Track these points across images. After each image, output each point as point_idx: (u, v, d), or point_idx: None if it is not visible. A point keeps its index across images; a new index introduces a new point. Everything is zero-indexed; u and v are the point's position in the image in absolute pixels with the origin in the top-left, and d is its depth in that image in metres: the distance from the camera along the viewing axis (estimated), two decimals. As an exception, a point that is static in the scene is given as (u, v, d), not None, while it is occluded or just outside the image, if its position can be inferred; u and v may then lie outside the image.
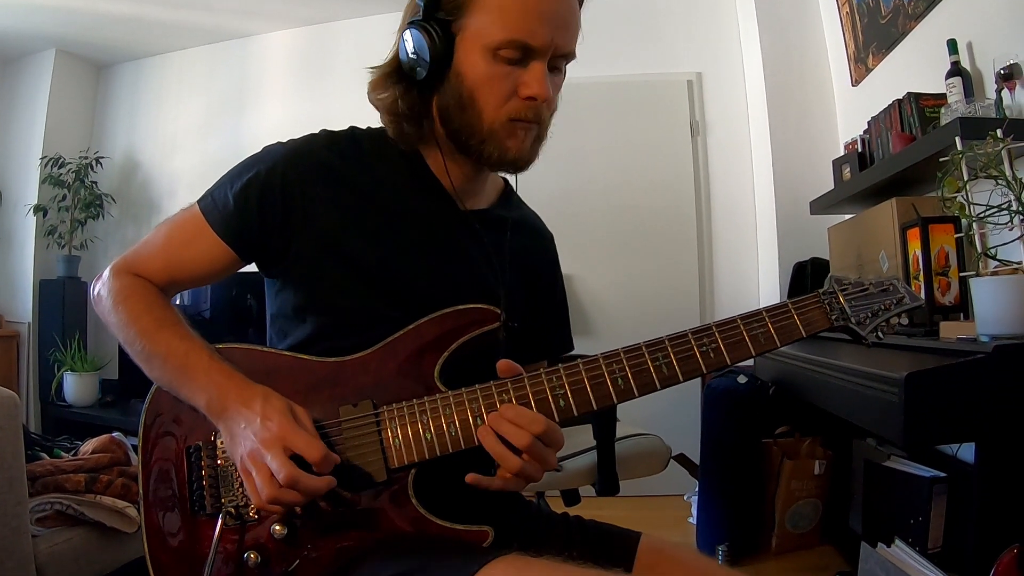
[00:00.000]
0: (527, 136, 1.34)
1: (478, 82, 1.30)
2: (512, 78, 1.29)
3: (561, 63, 1.35)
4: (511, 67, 1.29)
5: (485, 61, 1.29)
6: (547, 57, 1.29)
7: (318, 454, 1.15)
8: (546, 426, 1.18)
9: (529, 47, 1.26)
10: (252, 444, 1.16)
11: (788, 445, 3.73)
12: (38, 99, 6.41)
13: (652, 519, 4.55)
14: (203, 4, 5.77)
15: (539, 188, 3.83)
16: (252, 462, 1.16)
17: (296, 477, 1.12)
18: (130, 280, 1.42)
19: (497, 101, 1.31)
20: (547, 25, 1.26)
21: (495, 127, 1.32)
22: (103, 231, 6.47)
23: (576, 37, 1.34)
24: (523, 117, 1.31)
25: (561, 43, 1.29)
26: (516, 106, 1.31)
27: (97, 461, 2.65)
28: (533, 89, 1.28)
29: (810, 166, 4.63)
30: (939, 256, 2.42)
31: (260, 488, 1.14)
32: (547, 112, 1.36)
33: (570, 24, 1.30)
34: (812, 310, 1.24)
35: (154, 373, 1.33)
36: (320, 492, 1.15)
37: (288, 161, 1.38)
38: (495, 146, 1.33)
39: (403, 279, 1.38)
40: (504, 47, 1.26)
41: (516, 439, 1.16)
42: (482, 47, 1.28)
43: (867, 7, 4.02)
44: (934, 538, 2.63)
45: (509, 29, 1.25)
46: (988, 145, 1.95)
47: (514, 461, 1.17)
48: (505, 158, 1.35)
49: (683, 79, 5.41)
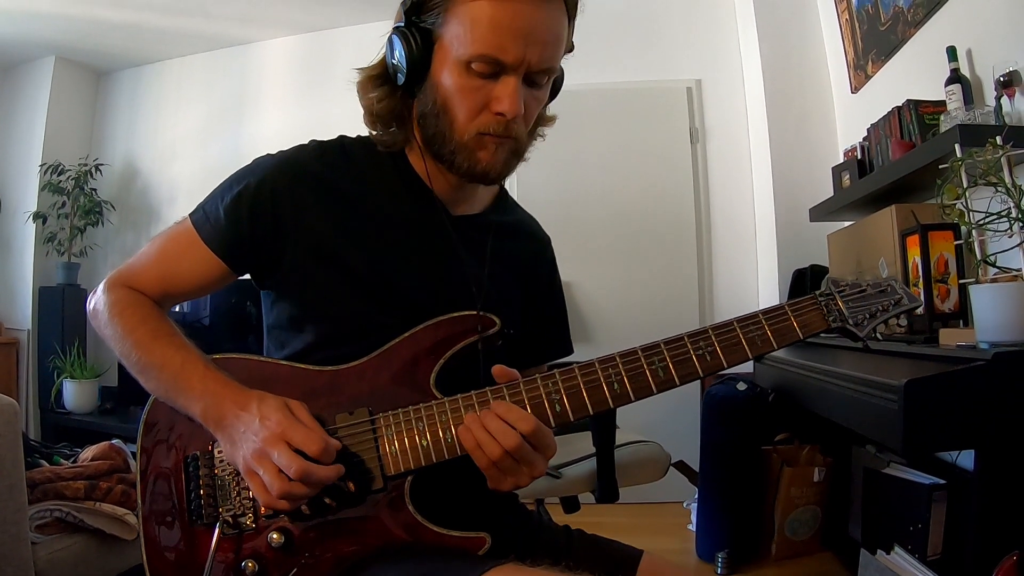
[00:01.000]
0: (499, 149, 1.33)
1: (451, 93, 1.30)
2: (484, 92, 1.28)
3: (540, 78, 1.32)
4: (483, 80, 1.27)
5: (458, 73, 1.28)
6: (520, 72, 1.27)
7: (317, 446, 1.14)
8: (535, 426, 1.17)
9: (500, 62, 1.25)
10: (255, 444, 1.16)
11: (787, 452, 3.72)
12: (37, 106, 6.42)
13: (652, 526, 4.55)
14: (202, 11, 5.78)
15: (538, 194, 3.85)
16: (257, 461, 1.16)
17: (306, 469, 1.12)
18: (125, 293, 1.42)
19: (468, 114, 1.30)
20: (519, 41, 1.23)
21: (465, 139, 1.31)
22: (102, 238, 6.48)
23: (556, 53, 1.32)
24: (492, 132, 1.30)
25: (535, 59, 1.26)
26: (487, 120, 1.30)
27: (96, 468, 2.65)
28: (503, 105, 1.27)
29: (809, 173, 4.63)
30: (938, 263, 2.42)
31: (269, 485, 1.14)
32: (521, 127, 1.34)
33: (546, 41, 1.27)
34: (809, 312, 1.23)
35: (150, 384, 1.33)
36: (331, 480, 1.15)
37: (278, 173, 1.38)
38: (465, 157, 1.33)
39: (395, 287, 1.38)
40: (475, 61, 1.25)
41: (502, 437, 1.16)
42: (455, 59, 1.27)
43: (867, 14, 4.02)
44: (934, 545, 2.62)
45: (480, 44, 1.24)
46: (987, 152, 1.95)
47: (492, 451, 1.16)
48: (475, 170, 1.34)
49: (682, 86, 5.42)
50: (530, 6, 1.24)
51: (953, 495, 2.64)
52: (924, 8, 3.32)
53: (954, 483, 2.65)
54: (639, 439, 3.09)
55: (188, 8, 5.72)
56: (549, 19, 1.27)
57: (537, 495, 2.87)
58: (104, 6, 5.58)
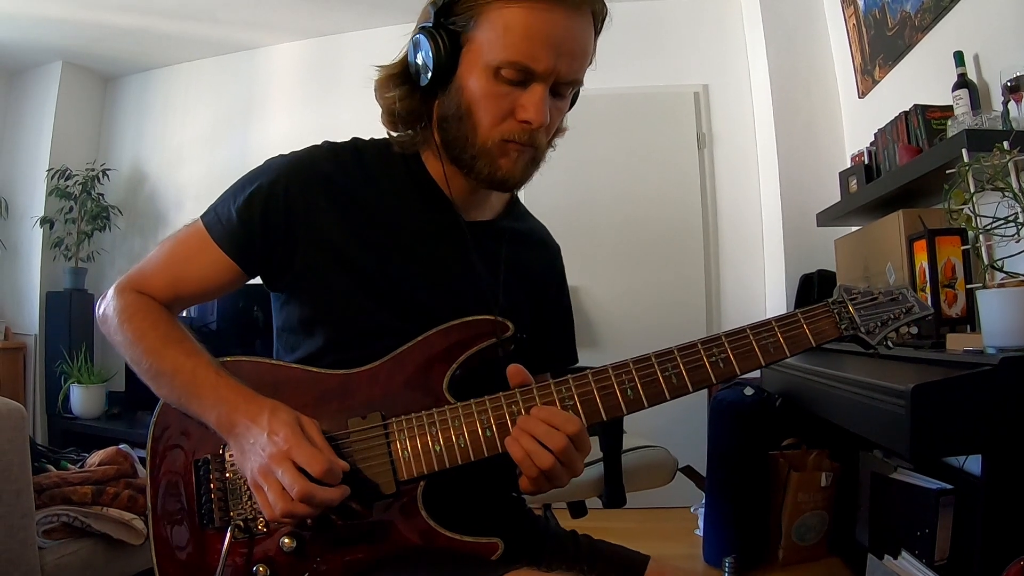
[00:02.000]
0: (520, 157, 1.33)
1: (477, 97, 1.29)
2: (511, 98, 1.28)
3: (565, 89, 1.33)
4: (511, 87, 1.27)
5: (486, 78, 1.27)
6: (549, 82, 1.27)
7: (322, 467, 1.13)
8: (580, 427, 1.18)
9: (530, 70, 1.25)
10: (261, 459, 1.16)
11: (795, 457, 3.71)
12: (45, 111, 6.44)
13: (659, 531, 4.54)
14: (210, 16, 5.79)
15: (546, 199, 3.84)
16: (263, 477, 1.16)
17: (310, 491, 1.12)
18: (134, 298, 1.41)
19: (493, 120, 1.30)
20: (551, 51, 1.24)
21: (488, 145, 1.31)
22: (110, 243, 6.50)
23: (583, 65, 1.32)
24: (516, 139, 1.30)
25: (564, 70, 1.27)
26: (511, 127, 1.30)
27: (104, 473, 2.66)
28: (530, 113, 1.27)
29: (816, 178, 4.62)
30: (946, 268, 2.41)
31: (273, 503, 1.14)
32: (543, 136, 1.34)
33: (575, 52, 1.28)
34: (821, 319, 1.23)
35: (162, 391, 1.33)
36: (334, 503, 1.15)
37: (291, 174, 1.38)
38: (486, 163, 1.33)
39: (407, 291, 1.38)
40: (505, 67, 1.25)
41: (550, 441, 1.16)
42: (484, 64, 1.26)
43: (874, 19, 4.02)
44: (941, 550, 2.62)
45: (512, 51, 1.23)
46: (995, 157, 1.95)
47: (542, 461, 1.16)
48: (495, 176, 1.34)
49: (690, 91, 5.43)
50: (564, 17, 1.24)
51: (960, 500, 2.64)
52: (931, 13, 3.32)
53: (961, 488, 2.65)
54: (646, 444, 3.10)
55: (195, 13, 5.73)
56: (580, 32, 1.28)
57: (544, 500, 2.87)
58: (111, 11, 5.60)
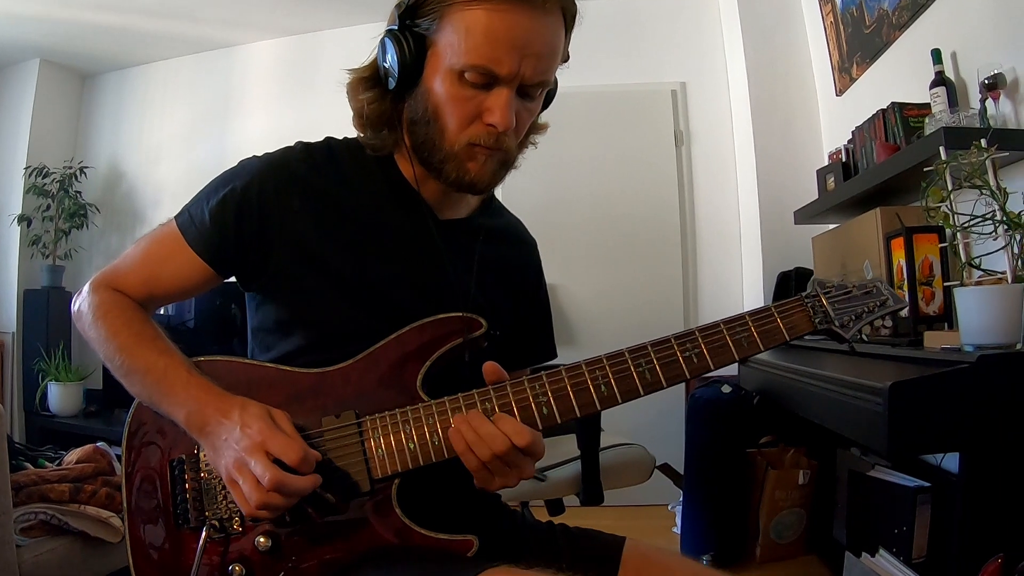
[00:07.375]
0: (488, 161, 1.32)
1: (443, 101, 1.28)
2: (476, 102, 1.27)
3: (534, 91, 1.31)
4: (476, 91, 1.26)
5: (450, 81, 1.26)
6: (514, 84, 1.25)
7: (296, 455, 1.13)
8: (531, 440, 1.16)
9: (493, 73, 1.23)
10: (235, 453, 1.16)
11: (772, 455, 3.73)
12: (22, 109, 6.40)
13: (636, 529, 4.53)
14: (188, 14, 5.76)
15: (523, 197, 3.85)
16: (237, 471, 1.15)
17: (280, 479, 1.11)
18: (109, 295, 1.41)
19: (459, 123, 1.29)
20: (514, 53, 1.22)
21: (456, 149, 1.30)
22: (87, 241, 6.46)
23: (551, 66, 1.31)
24: (483, 143, 1.29)
25: (529, 72, 1.25)
26: (477, 130, 1.29)
27: (81, 471, 2.65)
28: (495, 117, 1.25)
29: (794, 176, 4.64)
30: (923, 266, 2.42)
31: (248, 495, 1.13)
32: (512, 139, 1.33)
33: (541, 53, 1.26)
34: (795, 313, 1.23)
35: (134, 388, 1.32)
36: (305, 491, 1.15)
37: (264, 175, 1.37)
38: (454, 167, 1.32)
39: (381, 291, 1.38)
40: (468, 71, 1.23)
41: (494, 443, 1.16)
42: (448, 67, 1.25)
43: (851, 17, 4.04)
44: (918, 548, 2.63)
45: (474, 54, 1.22)
46: (972, 155, 1.96)
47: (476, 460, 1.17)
48: (463, 180, 1.33)
49: (667, 89, 5.43)
50: (527, 18, 1.22)
51: (938, 498, 2.64)
52: (909, 11, 3.33)
53: (939, 486, 2.65)
54: (624, 442, 3.10)
55: (174, 11, 5.70)
56: (546, 31, 1.26)
57: (522, 498, 2.87)
58: (89, 9, 5.56)
